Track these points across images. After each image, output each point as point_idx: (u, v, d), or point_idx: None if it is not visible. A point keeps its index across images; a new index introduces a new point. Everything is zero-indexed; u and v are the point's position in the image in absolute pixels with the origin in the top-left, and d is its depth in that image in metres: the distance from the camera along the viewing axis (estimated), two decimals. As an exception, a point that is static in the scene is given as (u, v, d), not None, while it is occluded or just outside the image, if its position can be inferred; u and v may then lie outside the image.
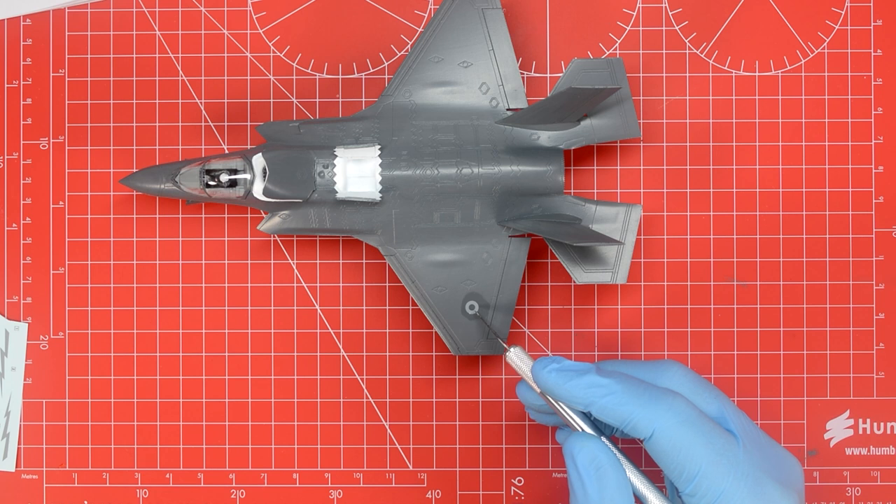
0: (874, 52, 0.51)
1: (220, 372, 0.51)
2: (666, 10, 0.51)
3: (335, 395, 0.51)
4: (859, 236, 0.51)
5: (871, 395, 0.51)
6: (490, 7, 0.48)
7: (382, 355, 0.51)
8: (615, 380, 0.41)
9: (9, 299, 0.51)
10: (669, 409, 0.40)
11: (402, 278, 0.47)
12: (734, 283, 0.51)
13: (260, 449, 0.51)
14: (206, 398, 0.51)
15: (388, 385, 0.51)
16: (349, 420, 0.51)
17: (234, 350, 0.51)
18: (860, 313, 0.51)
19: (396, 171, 0.46)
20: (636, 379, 0.42)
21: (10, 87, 0.51)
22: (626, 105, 0.48)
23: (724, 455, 0.40)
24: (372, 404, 0.51)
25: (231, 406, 0.51)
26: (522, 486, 0.51)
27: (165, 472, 0.51)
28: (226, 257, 0.51)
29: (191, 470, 0.51)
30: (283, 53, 0.51)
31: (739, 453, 0.40)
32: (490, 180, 0.46)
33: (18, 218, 0.51)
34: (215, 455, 0.51)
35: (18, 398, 0.51)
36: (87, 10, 0.51)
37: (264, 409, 0.51)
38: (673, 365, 0.43)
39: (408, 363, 0.51)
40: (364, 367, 0.51)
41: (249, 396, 0.51)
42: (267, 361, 0.51)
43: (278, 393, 0.51)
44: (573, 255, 0.47)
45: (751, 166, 0.51)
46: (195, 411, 0.51)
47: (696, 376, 0.43)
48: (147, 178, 0.47)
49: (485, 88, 0.48)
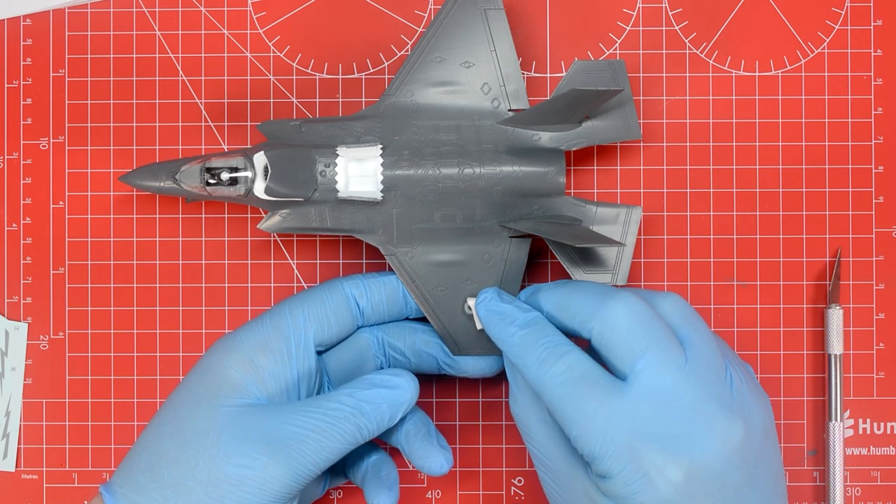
0: (874, 52, 0.51)
1: (220, 372, 0.51)
2: (666, 10, 0.51)
3: (335, 395, 0.51)
4: (859, 236, 0.51)
5: (871, 395, 0.51)
6: (492, 7, 0.48)
7: (383, 355, 0.51)
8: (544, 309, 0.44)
9: (9, 299, 0.51)
10: (621, 301, 0.41)
11: (403, 278, 0.47)
12: (734, 283, 0.51)
13: (260, 449, 0.51)
14: (207, 398, 0.51)
15: (389, 385, 0.51)
16: (349, 420, 0.51)
17: (235, 350, 0.51)
18: (860, 313, 0.51)
19: (398, 171, 0.46)
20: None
21: (10, 87, 0.51)
22: (628, 107, 0.48)
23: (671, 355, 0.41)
24: (372, 404, 0.51)
25: (231, 406, 0.51)
26: (522, 486, 0.51)
27: (165, 472, 0.51)
28: (226, 257, 0.51)
29: (191, 470, 0.51)
30: (283, 53, 0.51)
31: (684, 364, 0.41)
32: (491, 181, 0.46)
33: (18, 218, 0.51)
34: (215, 455, 0.51)
35: (18, 398, 0.51)
36: (87, 10, 0.51)
37: (264, 409, 0.51)
38: (671, 296, 0.44)
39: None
40: (364, 367, 0.51)
41: (249, 396, 0.51)
42: (267, 361, 0.51)
43: (278, 393, 0.51)
44: (573, 257, 0.47)
45: (751, 166, 0.51)
46: (195, 411, 0.51)
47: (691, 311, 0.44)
48: (146, 176, 0.47)
49: (486, 89, 0.48)
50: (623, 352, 0.41)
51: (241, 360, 0.44)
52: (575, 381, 0.41)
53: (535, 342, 0.42)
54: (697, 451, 0.40)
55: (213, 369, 0.44)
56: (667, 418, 0.40)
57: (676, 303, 0.43)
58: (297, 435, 0.42)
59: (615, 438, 0.40)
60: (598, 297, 0.42)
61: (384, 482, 0.47)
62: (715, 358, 0.42)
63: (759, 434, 0.41)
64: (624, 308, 0.41)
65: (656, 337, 0.41)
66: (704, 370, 0.41)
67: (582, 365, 0.41)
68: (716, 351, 0.42)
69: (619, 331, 0.41)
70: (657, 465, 0.39)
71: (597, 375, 0.41)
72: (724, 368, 0.42)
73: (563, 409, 0.41)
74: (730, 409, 0.41)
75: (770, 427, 0.43)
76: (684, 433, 0.40)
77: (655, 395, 0.40)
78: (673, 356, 0.41)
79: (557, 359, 0.42)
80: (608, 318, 0.41)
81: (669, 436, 0.40)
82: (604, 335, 0.42)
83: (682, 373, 0.40)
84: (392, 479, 0.47)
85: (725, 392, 0.41)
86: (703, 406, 0.40)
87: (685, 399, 0.40)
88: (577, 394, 0.41)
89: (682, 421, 0.40)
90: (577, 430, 0.41)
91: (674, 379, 0.40)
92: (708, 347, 0.42)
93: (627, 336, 0.41)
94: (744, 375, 0.43)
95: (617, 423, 0.40)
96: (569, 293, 0.43)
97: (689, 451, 0.40)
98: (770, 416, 0.43)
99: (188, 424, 0.43)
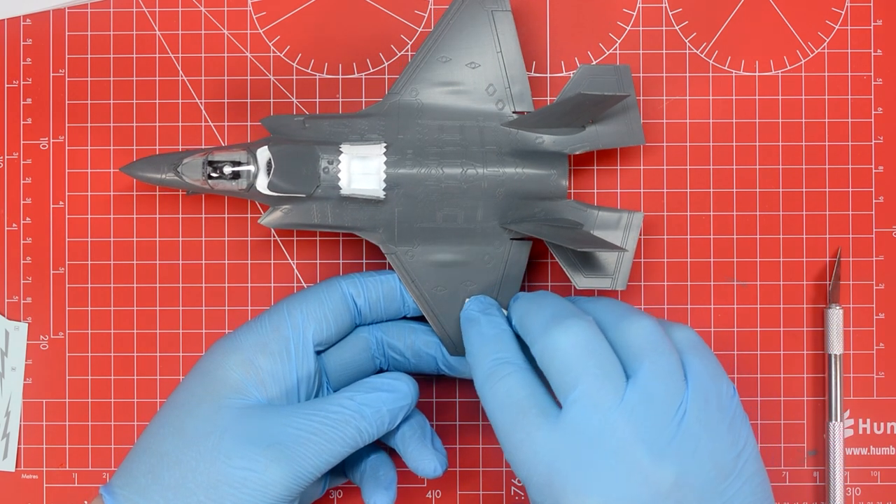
0: (874, 52, 0.51)
1: (220, 372, 0.51)
2: (666, 10, 0.51)
3: (335, 395, 0.51)
4: (859, 236, 0.51)
5: (871, 395, 0.51)
6: (499, 9, 0.48)
7: (383, 355, 0.51)
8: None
9: (9, 299, 0.51)
10: (565, 329, 0.41)
11: (402, 277, 0.47)
12: (734, 283, 0.51)
13: (260, 449, 0.51)
14: (207, 398, 0.51)
15: (389, 385, 0.51)
16: (349, 420, 0.51)
17: (235, 350, 0.51)
18: (860, 312, 0.51)
19: (401, 170, 0.46)
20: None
21: (10, 87, 0.51)
22: (632, 112, 0.48)
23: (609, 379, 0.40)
24: (372, 404, 0.51)
25: (231, 406, 0.51)
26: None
27: (165, 473, 0.51)
28: (226, 257, 0.51)
29: (191, 470, 0.51)
30: (283, 53, 0.51)
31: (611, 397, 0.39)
32: (494, 182, 0.46)
33: (18, 218, 0.51)
34: (215, 455, 0.51)
35: (18, 398, 0.51)
36: (87, 10, 0.51)
37: (264, 410, 0.51)
38: (641, 319, 0.42)
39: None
40: (364, 367, 0.51)
41: (250, 396, 0.51)
42: (267, 361, 0.51)
43: (278, 393, 0.51)
44: (574, 261, 0.47)
45: (751, 166, 0.51)
46: (195, 411, 0.51)
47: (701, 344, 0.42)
48: (148, 167, 0.47)
49: (491, 90, 0.48)
50: (559, 382, 0.40)
51: (241, 362, 0.44)
52: (509, 407, 0.41)
53: (485, 356, 0.43)
54: (616, 496, 0.39)
55: (213, 371, 0.44)
56: (589, 458, 0.39)
57: (642, 329, 0.41)
58: (297, 437, 0.42)
59: (537, 471, 0.40)
60: (547, 321, 0.42)
61: (382, 482, 0.47)
62: (664, 393, 0.40)
63: (708, 474, 0.39)
64: (565, 337, 0.41)
65: (592, 370, 0.40)
66: (642, 408, 0.39)
67: (521, 390, 0.41)
68: (668, 385, 0.40)
69: (557, 360, 0.41)
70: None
71: (532, 403, 0.41)
72: (675, 404, 0.40)
73: (498, 431, 0.41)
74: (662, 452, 0.39)
75: (734, 461, 0.40)
76: (605, 475, 0.39)
77: (581, 432, 0.39)
78: (607, 392, 0.39)
79: (499, 379, 0.41)
80: (548, 346, 0.41)
81: (589, 477, 0.39)
82: (544, 362, 0.41)
83: (613, 411, 0.39)
84: (390, 479, 0.47)
85: (664, 432, 0.39)
86: (630, 449, 0.39)
87: (611, 439, 0.39)
88: (509, 420, 0.41)
89: (605, 463, 0.39)
90: (508, 455, 0.41)
91: (602, 416, 0.39)
92: (658, 381, 0.40)
93: (563, 367, 0.40)
94: (706, 407, 0.40)
95: (540, 457, 0.40)
96: (528, 310, 0.43)
97: (606, 495, 0.39)
98: (738, 447, 0.40)
99: (189, 426, 0.43)
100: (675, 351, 0.41)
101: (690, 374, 0.41)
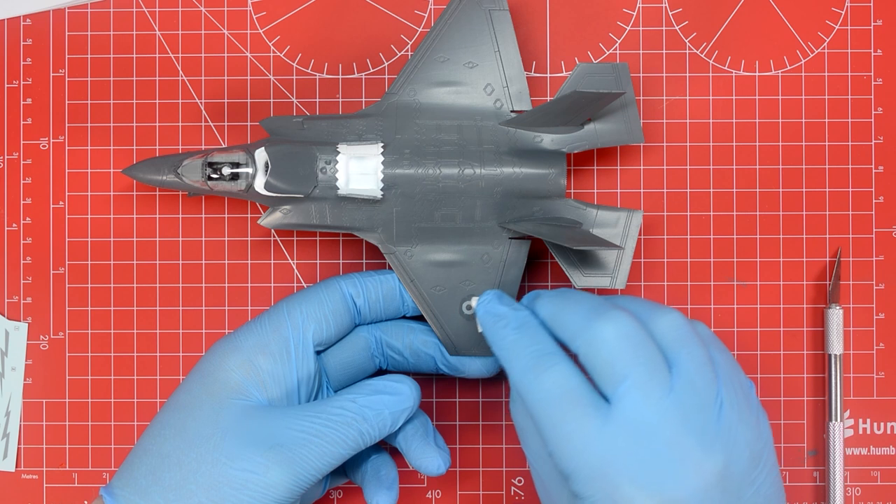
0: (874, 52, 0.51)
1: (220, 372, 0.51)
2: (666, 10, 0.51)
3: (335, 395, 0.51)
4: (859, 236, 0.51)
5: (871, 395, 0.51)
6: (497, 8, 0.48)
7: (383, 355, 0.51)
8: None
9: (9, 299, 0.51)
10: (609, 320, 0.40)
11: (402, 277, 0.47)
12: (734, 283, 0.51)
13: (260, 449, 0.51)
14: (207, 398, 0.51)
15: (389, 385, 0.51)
16: (349, 420, 0.51)
17: (235, 350, 0.51)
18: (860, 313, 0.51)
19: (399, 170, 0.46)
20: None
21: (10, 87, 0.51)
22: (631, 110, 0.48)
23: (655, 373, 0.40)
24: (372, 404, 0.51)
25: (231, 406, 0.51)
26: (522, 486, 0.51)
27: (165, 472, 0.51)
28: (226, 257, 0.51)
29: (191, 470, 0.51)
30: (283, 53, 0.51)
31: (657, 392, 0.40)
32: (492, 181, 0.46)
33: (18, 218, 0.51)
34: (215, 455, 0.51)
35: (18, 398, 0.51)
36: (87, 10, 0.51)
37: (264, 409, 0.51)
38: (669, 313, 0.42)
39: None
40: (364, 367, 0.51)
41: (249, 396, 0.51)
42: (267, 361, 0.51)
43: (278, 393, 0.51)
44: (573, 260, 0.47)
45: (751, 166, 0.51)
46: (195, 411, 0.51)
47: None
48: (149, 169, 0.47)
49: (489, 89, 0.48)
50: (606, 374, 0.40)
51: (242, 363, 0.44)
52: (557, 399, 0.40)
53: (523, 349, 0.42)
54: (671, 485, 0.39)
55: (213, 372, 0.44)
56: (642, 449, 0.39)
57: (673, 322, 0.42)
58: (299, 439, 0.42)
59: (588, 463, 0.39)
60: (587, 314, 0.41)
61: (383, 482, 0.47)
62: (704, 383, 0.40)
63: (745, 462, 0.40)
64: (611, 329, 0.40)
65: (641, 361, 0.40)
66: (689, 398, 0.40)
67: (567, 381, 0.41)
68: (707, 375, 0.41)
69: (604, 352, 0.40)
70: (627, 497, 0.39)
71: (579, 394, 0.40)
72: (714, 394, 0.40)
73: (543, 424, 0.41)
74: (710, 441, 0.39)
75: (762, 451, 0.41)
76: (659, 466, 0.39)
77: (633, 424, 0.39)
78: (656, 383, 0.40)
79: (542, 371, 0.41)
80: (594, 338, 0.41)
81: (643, 468, 0.39)
82: (589, 355, 0.41)
83: (664, 401, 0.39)
84: (391, 479, 0.47)
85: (710, 421, 0.40)
86: (681, 439, 0.39)
87: (663, 430, 0.39)
88: (557, 411, 0.40)
89: (658, 453, 0.39)
90: (554, 446, 0.40)
91: (654, 408, 0.39)
92: (698, 372, 0.40)
93: (611, 359, 0.40)
94: (737, 398, 0.41)
95: (592, 449, 0.39)
96: (562, 305, 0.43)
97: (661, 485, 0.39)
98: (763, 439, 0.41)
99: (190, 427, 0.43)
100: (704, 343, 0.42)
101: (717, 367, 0.41)
